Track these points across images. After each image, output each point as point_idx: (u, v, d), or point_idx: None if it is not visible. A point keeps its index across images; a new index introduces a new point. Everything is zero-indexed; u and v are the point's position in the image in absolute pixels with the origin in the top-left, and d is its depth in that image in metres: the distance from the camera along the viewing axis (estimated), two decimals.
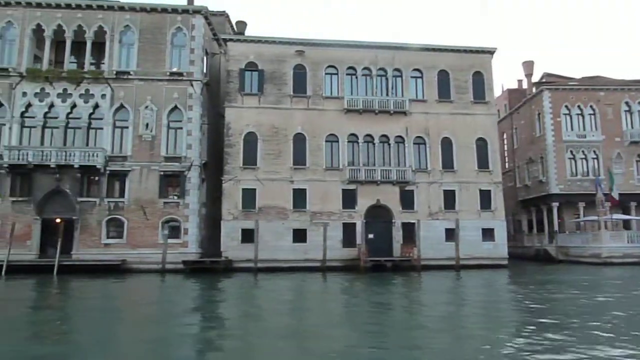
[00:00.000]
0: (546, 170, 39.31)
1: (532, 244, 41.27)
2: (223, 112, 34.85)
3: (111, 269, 26.96)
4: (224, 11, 36.64)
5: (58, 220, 28.38)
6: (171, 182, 29.17)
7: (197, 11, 30.43)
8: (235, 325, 13.01)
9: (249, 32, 35.23)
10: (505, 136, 47.15)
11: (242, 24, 34.45)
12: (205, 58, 31.08)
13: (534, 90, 42.45)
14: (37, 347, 10.28)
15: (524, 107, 43.38)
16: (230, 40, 31.30)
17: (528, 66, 43.73)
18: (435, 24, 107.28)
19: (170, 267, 27.51)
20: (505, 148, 47.24)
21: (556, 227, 38.09)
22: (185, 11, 30.36)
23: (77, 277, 25.09)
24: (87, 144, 28.94)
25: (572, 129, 39.11)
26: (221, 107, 34.66)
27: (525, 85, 46.51)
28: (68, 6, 29.60)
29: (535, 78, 44.79)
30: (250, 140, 30.36)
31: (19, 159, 27.47)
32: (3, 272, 25.69)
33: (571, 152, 38.73)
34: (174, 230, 28.49)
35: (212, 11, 32.61)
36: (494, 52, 33.01)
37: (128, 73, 29.48)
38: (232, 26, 38.40)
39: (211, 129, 32.48)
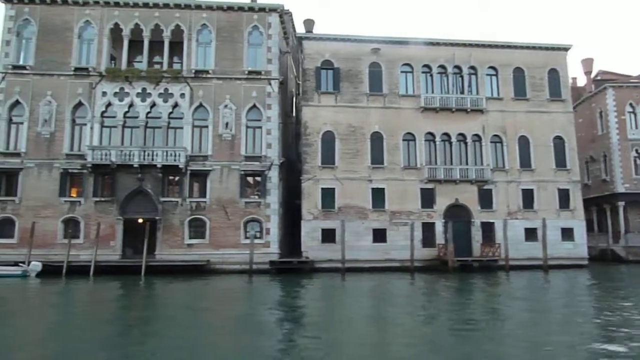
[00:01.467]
0: (610, 169, 38.71)
1: (594, 244, 40.48)
2: (289, 111, 34.75)
3: (196, 270, 26.73)
4: (287, 10, 36.33)
5: (140, 221, 28.22)
6: (251, 181, 28.91)
7: (273, 9, 30.17)
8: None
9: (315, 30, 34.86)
10: None
11: (310, 22, 34.16)
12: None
13: (593, 87, 41.88)
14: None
15: (583, 105, 42.73)
16: (306, 38, 31.01)
17: (587, 64, 43.14)
18: (482, 21, 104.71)
19: (254, 268, 27.21)
20: None
21: (622, 227, 37.50)
22: (261, 9, 30.10)
23: (162, 277, 24.86)
24: (167, 144, 28.70)
25: (636, 127, 38.51)
26: (288, 106, 34.53)
27: (580, 83, 45.90)
28: (146, 5, 29.41)
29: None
30: (328, 139, 30.03)
31: (102, 158, 27.32)
32: (91, 273, 25.49)
33: (636, 150, 38.13)
34: (258, 231, 28.22)
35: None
36: (569, 48, 32.58)
37: (207, 72, 29.25)
38: (293, 25, 38.17)
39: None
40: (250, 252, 26.69)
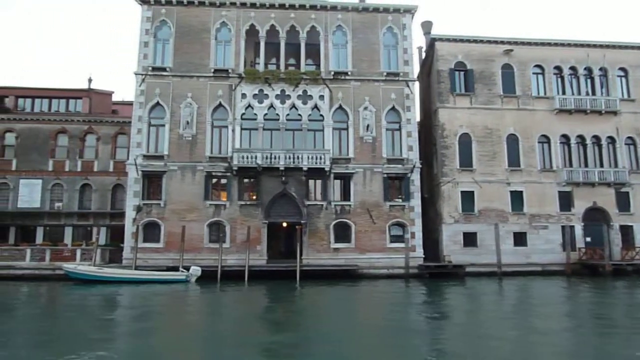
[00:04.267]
0: None
1: None
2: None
3: (345, 275, 26.19)
4: None
5: (285, 225, 27.76)
6: (393, 184, 28.44)
7: (408, 10, 29.83)
8: None
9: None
10: None
11: (428, 24, 33.68)
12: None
13: None
14: None
15: None
16: (439, 39, 30.59)
17: None
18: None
19: (400, 272, 26.74)
20: None
21: None
22: (396, 10, 29.75)
23: (312, 282, 24.25)
24: (305, 146, 28.19)
25: None
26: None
27: None
28: (282, 6, 29.08)
29: None
30: (465, 142, 29.60)
31: (248, 161, 26.85)
32: (246, 279, 24.87)
33: None
34: (401, 235, 27.74)
35: None
36: None
37: (345, 74, 28.85)
38: None
39: None
40: (405, 257, 26.20)
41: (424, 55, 34.43)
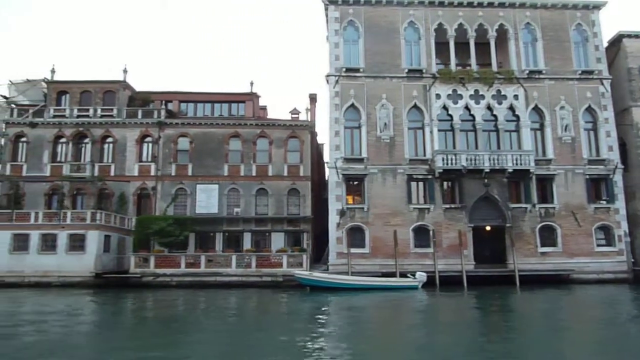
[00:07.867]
0: None
1: None
2: None
3: (554, 280, 25.22)
4: None
5: (488, 228, 26.90)
6: (594, 186, 27.47)
7: (597, 6, 28.96)
8: None
9: None
10: None
11: None
12: None
13: None
14: None
15: None
16: (628, 36, 29.62)
17: None
18: None
19: (609, 277, 25.77)
20: None
21: None
22: (585, 7, 28.90)
23: (527, 287, 23.36)
24: (499, 147, 27.33)
25: None
26: None
27: None
28: (470, 4, 28.37)
29: None
30: None
31: (451, 163, 26.06)
32: (465, 284, 24.00)
33: None
34: (606, 238, 26.78)
35: None
36: None
37: (539, 72, 28.01)
38: None
39: None
40: (627, 261, 25.34)
41: None
